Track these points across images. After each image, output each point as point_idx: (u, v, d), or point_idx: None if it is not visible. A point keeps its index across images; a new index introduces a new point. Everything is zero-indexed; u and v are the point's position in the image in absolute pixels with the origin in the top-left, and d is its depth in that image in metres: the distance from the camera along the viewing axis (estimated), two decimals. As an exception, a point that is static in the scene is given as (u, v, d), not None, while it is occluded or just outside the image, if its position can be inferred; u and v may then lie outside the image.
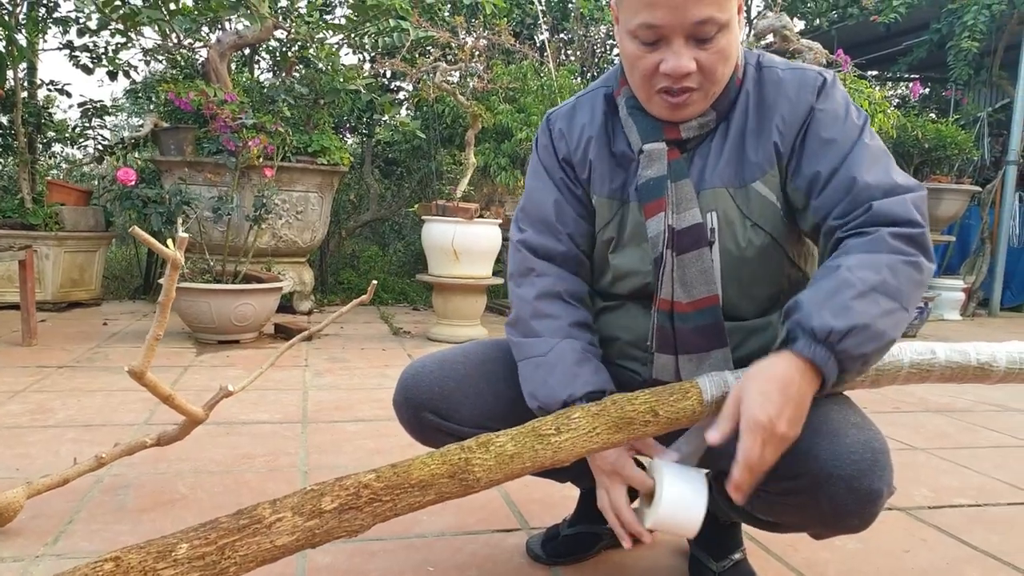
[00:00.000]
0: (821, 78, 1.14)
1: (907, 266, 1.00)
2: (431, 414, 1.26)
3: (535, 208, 1.29)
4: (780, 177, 1.13)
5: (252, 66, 6.26)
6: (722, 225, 1.14)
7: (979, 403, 3.16)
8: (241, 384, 1.62)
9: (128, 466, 1.94)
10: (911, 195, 1.05)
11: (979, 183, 6.68)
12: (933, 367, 1.13)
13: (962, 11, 6.46)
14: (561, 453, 0.97)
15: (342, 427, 2.42)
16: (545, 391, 1.15)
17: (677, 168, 1.15)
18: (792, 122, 1.12)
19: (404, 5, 4.68)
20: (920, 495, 1.98)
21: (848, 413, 1.07)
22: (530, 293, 1.25)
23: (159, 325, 1.29)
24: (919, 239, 1.03)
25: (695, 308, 1.14)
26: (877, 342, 0.97)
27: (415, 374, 1.29)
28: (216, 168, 4.40)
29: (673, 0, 1.01)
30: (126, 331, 4.14)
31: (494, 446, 0.95)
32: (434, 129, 6.16)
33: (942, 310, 6.33)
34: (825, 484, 1.00)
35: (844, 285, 0.97)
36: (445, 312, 4.22)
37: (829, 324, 0.95)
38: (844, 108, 1.13)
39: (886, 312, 0.97)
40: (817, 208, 1.10)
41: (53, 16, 5.26)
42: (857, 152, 1.08)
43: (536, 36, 6.95)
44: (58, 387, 2.80)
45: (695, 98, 1.09)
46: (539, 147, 1.32)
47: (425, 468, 0.92)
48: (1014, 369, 1.12)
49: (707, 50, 1.05)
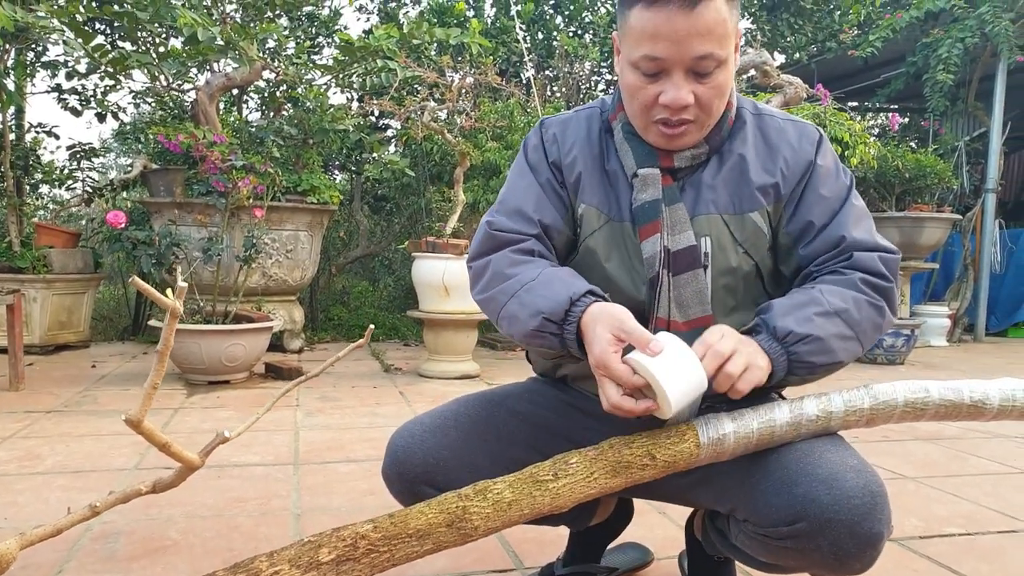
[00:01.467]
0: (818, 133, 1.25)
1: (871, 307, 1.13)
2: (427, 487, 1.19)
3: (512, 199, 1.27)
4: (776, 215, 1.21)
5: (240, 106, 6.32)
6: (715, 250, 1.18)
7: (968, 430, 3.19)
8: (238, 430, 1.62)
9: (119, 513, 1.92)
10: (888, 255, 1.17)
11: (959, 211, 6.79)
12: (927, 405, 1.14)
13: (936, 44, 6.62)
14: (559, 499, 0.98)
15: (334, 468, 2.42)
16: (547, 301, 1.10)
17: (670, 194, 1.19)
18: (795, 169, 1.21)
19: (391, 46, 4.75)
20: (911, 525, 1.99)
21: (845, 455, 1.07)
22: (504, 251, 1.21)
23: (157, 374, 1.29)
24: (887, 292, 1.15)
25: (690, 328, 1.17)
26: (826, 357, 1.09)
27: (406, 446, 1.22)
28: (206, 209, 4.42)
29: (676, 35, 1.05)
30: (115, 373, 4.11)
31: (491, 493, 0.96)
32: (423, 166, 6.22)
33: (928, 336, 6.39)
34: (826, 529, 1.00)
35: (813, 302, 1.10)
36: (436, 348, 4.22)
37: (789, 327, 1.07)
38: (835, 166, 1.24)
39: (842, 336, 1.09)
40: (804, 256, 1.20)
41: (42, 60, 5.31)
42: (846, 211, 1.19)
43: (522, 73, 7.06)
44: (46, 433, 2.77)
45: (691, 129, 1.14)
46: (528, 147, 1.31)
47: (422, 517, 0.93)
48: (1007, 406, 1.13)
49: (705, 84, 1.10)
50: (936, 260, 6.96)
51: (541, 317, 1.10)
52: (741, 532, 1.14)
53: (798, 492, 1.02)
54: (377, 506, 2.03)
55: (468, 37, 5.00)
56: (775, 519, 1.04)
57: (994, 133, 6.68)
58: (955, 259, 7.16)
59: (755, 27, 8.06)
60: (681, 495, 1.25)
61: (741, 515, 1.12)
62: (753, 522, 1.09)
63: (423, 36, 4.89)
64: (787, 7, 7.94)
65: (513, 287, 1.16)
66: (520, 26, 6.73)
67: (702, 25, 1.05)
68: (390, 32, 4.83)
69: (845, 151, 5.27)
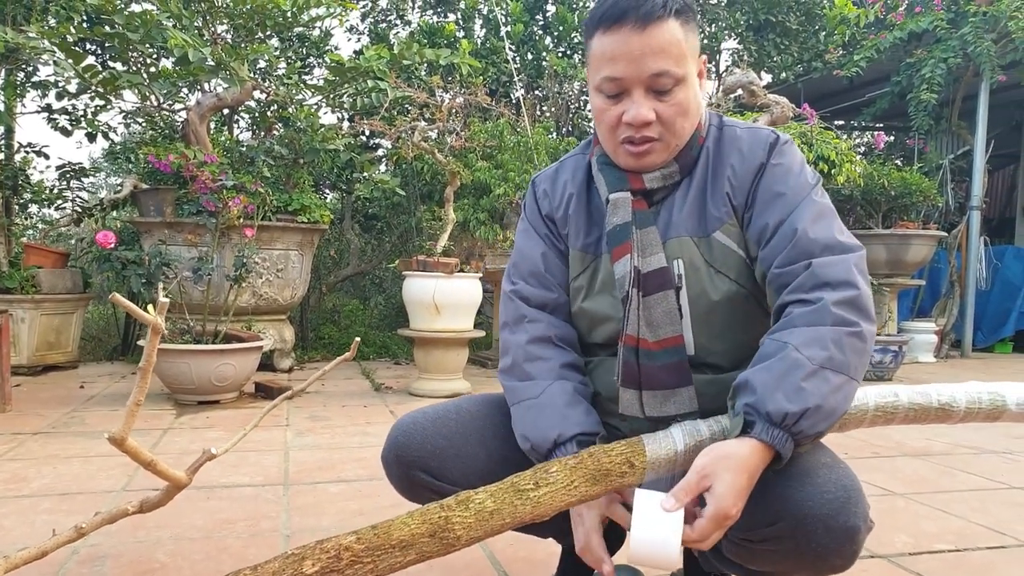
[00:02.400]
0: (774, 136, 1.22)
1: (852, 337, 1.05)
2: (423, 473, 1.25)
3: (525, 262, 1.35)
4: (739, 227, 1.20)
5: (231, 126, 6.34)
6: (688, 272, 1.20)
7: (956, 446, 3.20)
8: (224, 447, 1.61)
9: (106, 535, 1.91)
10: (850, 255, 1.11)
11: (945, 228, 6.86)
12: (897, 409, 1.17)
13: (920, 64, 6.72)
14: (540, 508, 0.99)
15: (324, 488, 2.41)
16: (536, 432, 1.19)
17: (642, 217, 1.22)
18: (743, 175, 1.20)
19: (382, 67, 4.79)
20: (900, 542, 2.00)
21: (818, 454, 1.10)
22: (523, 338, 1.30)
23: (140, 391, 1.29)
24: (859, 302, 1.08)
25: (661, 347, 1.19)
26: (830, 419, 1.03)
27: (406, 431, 1.28)
28: (196, 228, 4.43)
29: (632, 54, 1.11)
30: (104, 394, 4.09)
31: (473, 503, 0.96)
32: (413, 186, 6.25)
33: (916, 352, 6.43)
34: (802, 526, 1.02)
35: (795, 366, 1.02)
36: (427, 366, 4.22)
37: (784, 408, 1.00)
38: (798, 166, 1.21)
39: (836, 388, 1.02)
40: (763, 258, 1.16)
41: (32, 80, 5.32)
42: (804, 207, 1.15)
43: (512, 93, 7.12)
44: (33, 455, 2.75)
45: (656, 148, 1.18)
46: (526, 208, 1.40)
47: (405, 528, 0.93)
48: (973, 408, 1.16)
49: (665, 102, 1.14)
50: (923, 277, 7.02)
51: (528, 444, 1.20)
52: (728, 541, 1.14)
53: (772, 493, 1.04)
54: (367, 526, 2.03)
55: (458, 58, 5.05)
56: (754, 522, 1.05)
57: (978, 151, 6.77)
58: (941, 276, 7.22)
59: (742, 47, 8.17)
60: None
61: None
62: (735, 528, 1.10)
63: (413, 57, 4.94)
64: (773, 28, 8.04)
65: (520, 395, 1.25)
66: (509, 47, 6.80)
67: (655, 44, 1.10)
68: (381, 53, 4.87)
69: (832, 169, 5.32)
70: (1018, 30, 6.05)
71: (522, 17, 7.53)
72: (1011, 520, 2.20)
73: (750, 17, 7.95)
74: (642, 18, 1.10)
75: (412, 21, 8.16)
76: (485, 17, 7.93)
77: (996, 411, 1.11)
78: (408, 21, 8.22)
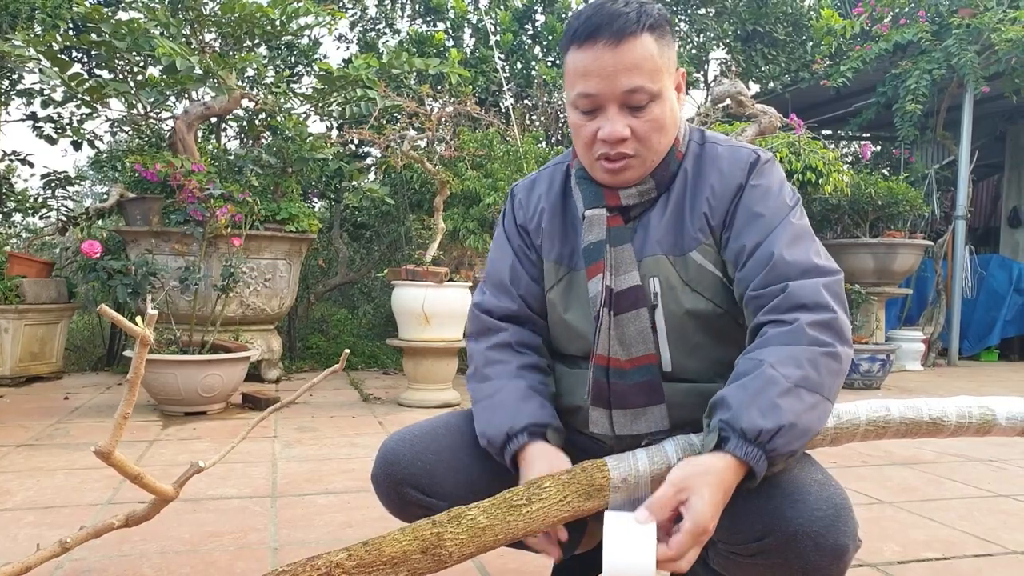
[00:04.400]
0: (755, 155, 1.21)
1: (827, 357, 1.05)
2: (413, 490, 1.23)
3: (494, 272, 1.38)
4: (716, 247, 1.19)
5: (219, 134, 6.31)
6: (664, 289, 1.19)
7: (943, 455, 3.22)
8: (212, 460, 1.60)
9: (90, 549, 1.88)
10: (827, 279, 1.11)
11: (931, 237, 6.93)
12: (888, 424, 1.17)
13: (905, 76, 6.79)
14: (533, 523, 0.98)
15: (312, 500, 2.39)
16: (491, 428, 1.21)
17: (618, 234, 1.22)
18: (722, 195, 1.19)
19: (371, 75, 4.79)
20: (889, 550, 2.00)
21: (809, 470, 1.10)
22: (484, 345, 1.33)
23: (127, 404, 1.28)
24: (835, 325, 1.08)
25: (633, 365, 1.19)
26: (804, 438, 1.02)
27: (395, 448, 1.26)
28: (183, 238, 4.40)
29: (605, 70, 1.11)
30: (88, 405, 4.05)
31: (466, 519, 0.96)
32: (403, 194, 6.24)
33: (904, 361, 6.47)
34: (792, 543, 1.01)
35: (769, 383, 1.02)
36: (416, 376, 4.20)
37: (759, 424, 0.99)
38: (778, 186, 1.20)
39: (810, 407, 1.03)
40: (740, 279, 1.16)
41: (17, 88, 5.28)
42: (781, 229, 1.15)
43: (501, 103, 7.14)
44: (16, 467, 2.72)
45: (632, 164, 1.17)
46: (504, 216, 1.41)
47: (397, 544, 0.92)
48: (964, 423, 1.17)
49: (640, 118, 1.14)
50: (910, 285, 7.07)
51: (486, 440, 1.22)
52: (716, 554, 1.14)
53: (764, 507, 1.04)
54: (356, 538, 2.01)
55: (447, 67, 5.06)
56: (744, 536, 1.05)
57: (962, 161, 6.84)
58: (928, 285, 7.28)
59: (730, 57, 8.22)
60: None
61: (713, 536, 1.13)
62: (724, 541, 1.10)
63: (403, 66, 4.94)
64: (761, 38, 8.11)
65: (478, 396, 1.29)
66: (499, 56, 6.82)
67: (629, 60, 1.10)
68: (370, 61, 4.87)
69: (819, 179, 5.36)
70: (1001, 42, 6.13)
71: (511, 26, 7.55)
72: (998, 528, 2.21)
73: (738, 27, 8.01)
74: (615, 34, 1.10)
75: (401, 30, 8.17)
76: (474, 26, 7.95)
77: (986, 425, 1.11)
78: (397, 30, 8.23)
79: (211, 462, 1.64)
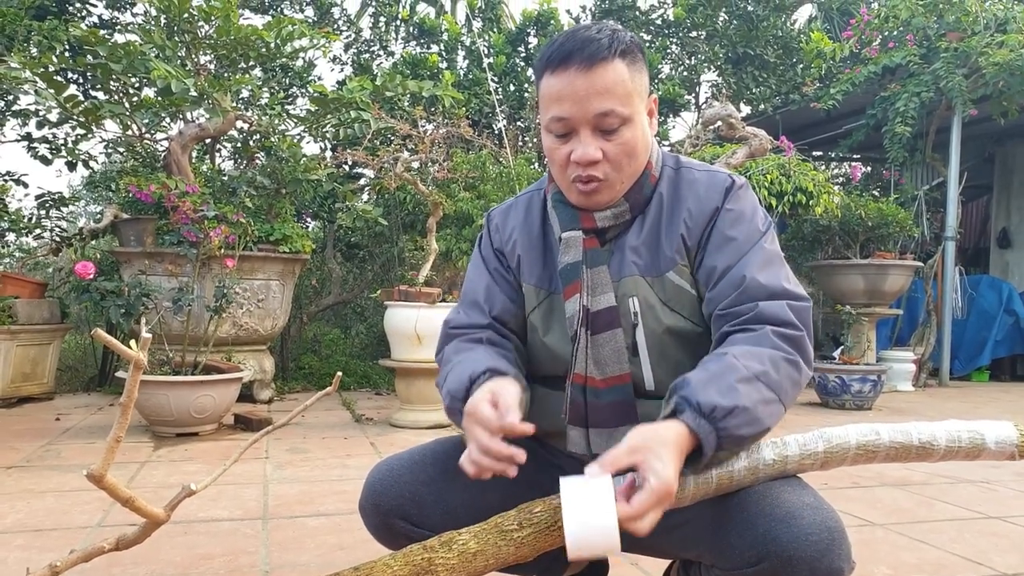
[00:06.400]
0: (730, 180, 1.24)
1: (788, 364, 1.10)
2: (402, 521, 1.23)
3: (469, 292, 1.39)
4: (690, 268, 1.22)
5: (213, 155, 6.33)
6: (644, 309, 1.22)
7: (934, 476, 3.23)
8: (204, 483, 1.60)
9: (81, 573, 1.87)
10: (796, 303, 1.15)
11: (921, 258, 6.97)
12: (879, 448, 1.18)
13: (894, 98, 6.87)
14: (524, 548, 0.99)
15: (304, 522, 2.38)
16: (454, 382, 1.20)
17: (594, 256, 1.24)
18: (698, 218, 1.22)
19: (364, 98, 4.83)
20: (880, 573, 2.01)
21: (802, 495, 1.10)
22: (452, 344, 1.34)
23: (120, 427, 1.28)
24: (799, 341, 1.12)
25: (607, 385, 1.22)
26: (754, 427, 1.05)
27: (383, 478, 1.26)
28: (177, 259, 4.40)
29: (577, 94, 1.14)
30: (80, 426, 4.03)
31: (457, 544, 0.96)
32: (396, 215, 6.26)
33: (895, 381, 6.49)
34: (787, 567, 1.02)
35: (730, 369, 1.06)
36: (408, 397, 4.20)
37: (714, 400, 1.02)
38: (751, 211, 1.23)
39: (766, 401, 1.06)
40: (710, 299, 1.19)
41: (12, 109, 5.30)
42: (753, 253, 1.18)
43: (494, 124, 7.19)
44: (6, 489, 2.70)
45: (603, 187, 1.20)
46: (480, 240, 1.44)
47: (388, 570, 0.93)
48: (953, 447, 1.18)
49: (612, 141, 1.16)
50: (901, 306, 7.10)
51: (450, 396, 1.21)
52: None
53: (758, 532, 1.04)
54: (348, 561, 2.00)
55: (441, 90, 5.10)
56: (739, 561, 1.06)
57: (951, 183, 6.90)
58: (918, 305, 7.32)
59: (721, 80, 8.31)
60: (648, 544, 1.25)
61: (707, 560, 1.14)
62: (719, 566, 1.11)
63: (396, 88, 4.98)
64: (752, 61, 8.20)
65: (444, 372, 1.28)
66: (492, 78, 6.88)
67: (600, 84, 1.13)
68: (364, 84, 4.91)
69: (809, 200, 5.40)
70: (988, 65, 6.21)
71: (504, 49, 7.62)
72: (988, 550, 2.22)
73: (729, 50, 8.10)
74: (587, 59, 1.13)
75: (395, 52, 8.24)
76: (468, 49, 8.03)
77: (975, 449, 1.13)
78: (391, 52, 8.30)
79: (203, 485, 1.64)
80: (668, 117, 8.04)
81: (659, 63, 8.04)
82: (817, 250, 6.80)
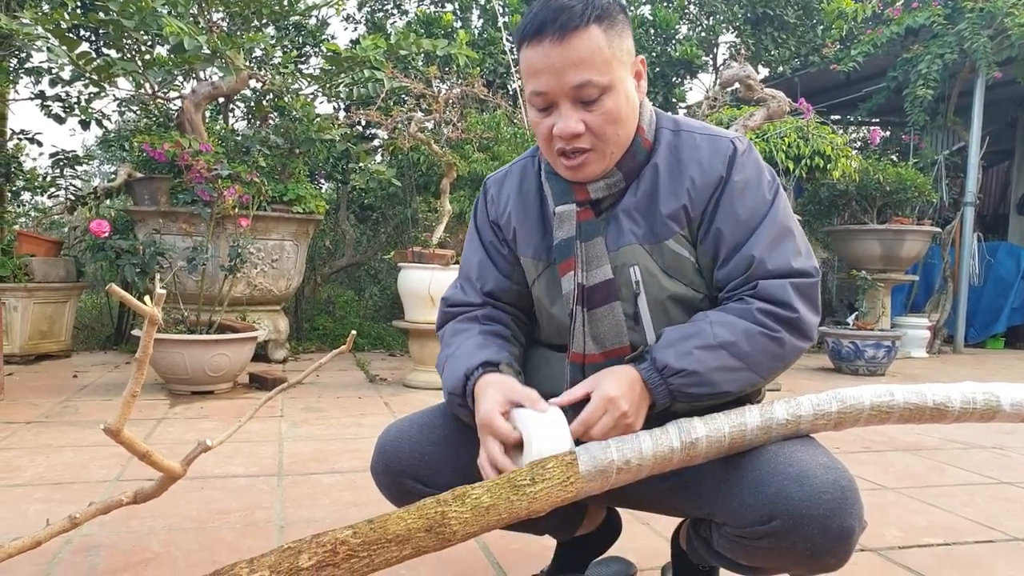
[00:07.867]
0: (732, 147, 1.19)
1: (765, 338, 1.12)
2: (412, 481, 1.25)
3: (465, 266, 1.40)
4: (691, 237, 1.20)
5: (227, 115, 6.31)
6: (645, 277, 1.20)
7: (947, 441, 3.23)
8: (219, 439, 1.61)
9: (99, 525, 1.91)
10: (800, 280, 1.15)
11: (939, 224, 6.88)
12: (892, 409, 1.17)
13: (916, 60, 6.72)
14: (536, 503, 0.99)
15: (319, 479, 2.41)
16: (451, 379, 1.23)
17: (588, 228, 1.22)
18: (703, 189, 1.18)
19: (378, 57, 4.77)
20: (890, 535, 2.02)
21: (815, 454, 1.10)
22: (449, 324, 1.36)
23: (136, 382, 1.29)
24: (789, 321, 1.13)
25: (606, 358, 1.21)
26: (707, 388, 1.11)
27: (394, 440, 1.27)
28: (191, 218, 4.41)
29: (553, 67, 1.10)
30: (97, 383, 4.08)
31: (470, 499, 0.97)
32: (409, 176, 6.23)
33: (909, 348, 6.46)
34: (799, 525, 1.03)
35: (698, 334, 1.12)
36: (422, 358, 4.22)
37: (667, 360, 1.11)
38: (756, 178, 1.19)
39: (725, 368, 1.11)
40: (720, 279, 1.20)
41: (25, 67, 5.28)
42: (763, 229, 1.16)
43: (508, 85, 7.10)
44: (26, 444, 2.75)
45: (590, 159, 1.16)
46: (475, 210, 1.41)
47: (402, 522, 0.94)
48: (968, 409, 1.17)
49: (593, 112, 1.13)
50: (916, 272, 7.04)
51: (449, 395, 1.24)
52: (721, 536, 1.15)
53: (770, 491, 1.05)
54: (362, 516, 2.02)
55: (455, 48, 5.03)
56: (750, 519, 1.06)
57: (972, 147, 6.78)
58: (935, 271, 7.25)
59: (739, 41, 8.15)
60: (659, 502, 1.26)
61: (719, 519, 1.15)
62: (730, 524, 1.11)
63: (410, 47, 4.91)
64: (771, 21, 8.03)
65: (441, 361, 1.30)
66: (507, 38, 6.78)
67: (575, 55, 1.09)
68: (377, 43, 4.85)
69: (827, 164, 5.33)
70: (1014, 26, 6.06)
71: (519, 8, 7.50)
72: (999, 515, 2.22)
73: (748, 10, 7.94)
74: (560, 29, 1.08)
75: (409, 11, 8.13)
76: (483, 7, 7.90)
77: (990, 411, 1.12)
78: (405, 11, 8.18)
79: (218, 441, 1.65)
80: (685, 79, 7.91)
81: (676, 23, 7.89)
82: (834, 215, 6.72)
